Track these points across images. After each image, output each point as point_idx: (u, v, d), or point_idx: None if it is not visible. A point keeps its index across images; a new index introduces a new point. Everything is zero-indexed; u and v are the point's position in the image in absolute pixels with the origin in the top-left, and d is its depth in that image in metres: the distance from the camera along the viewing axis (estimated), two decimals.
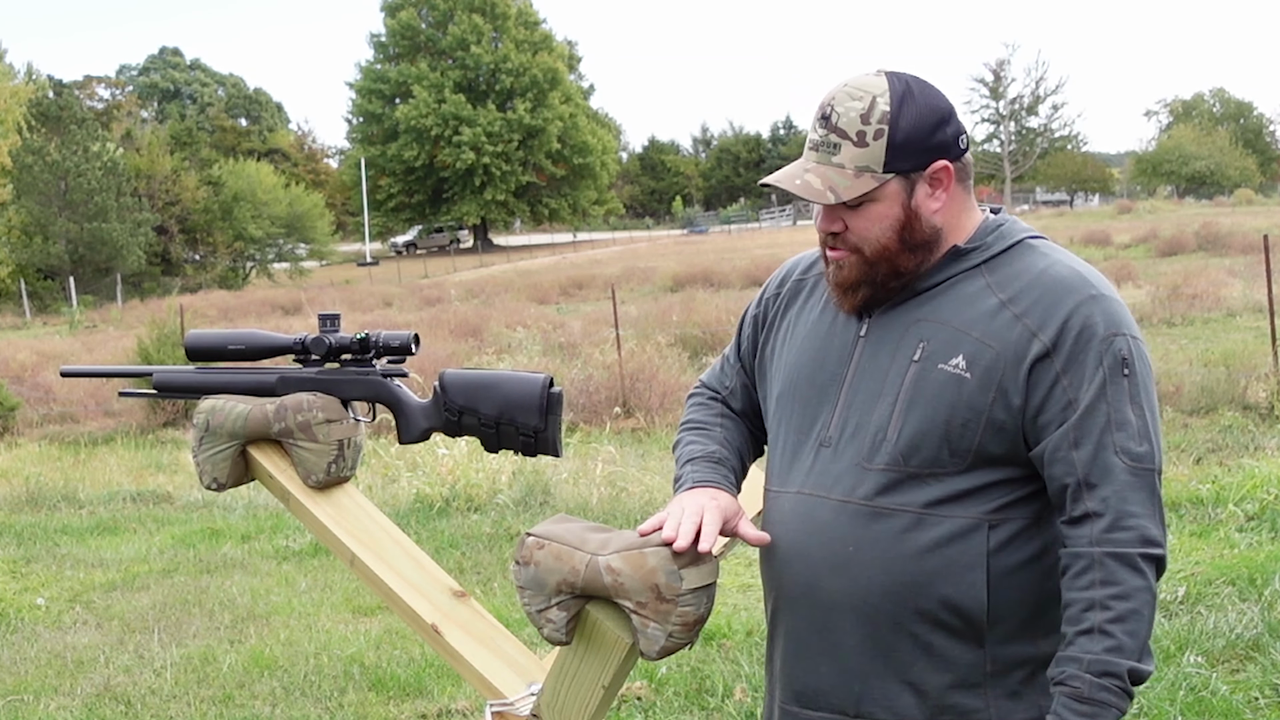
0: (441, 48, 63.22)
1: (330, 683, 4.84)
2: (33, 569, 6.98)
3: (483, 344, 15.06)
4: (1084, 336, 1.60)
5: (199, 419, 2.00)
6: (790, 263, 1.95)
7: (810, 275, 1.88)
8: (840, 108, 1.67)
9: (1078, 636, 1.56)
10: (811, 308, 1.83)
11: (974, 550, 1.63)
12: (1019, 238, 1.73)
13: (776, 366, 1.84)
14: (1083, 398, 1.59)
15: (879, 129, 1.65)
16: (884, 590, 1.65)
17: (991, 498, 1.64)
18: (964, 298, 1.68)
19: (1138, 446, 1.58)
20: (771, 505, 1.79)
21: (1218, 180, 68.04)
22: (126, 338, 18.59)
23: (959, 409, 1.63)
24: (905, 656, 1.66)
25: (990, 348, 1.63)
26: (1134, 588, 1.55)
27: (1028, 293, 1.65)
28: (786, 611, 1.76)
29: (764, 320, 1.92)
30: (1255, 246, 16.21)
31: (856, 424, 1.69)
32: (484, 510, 7.42)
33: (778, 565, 1.76)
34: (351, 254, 63.00)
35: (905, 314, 1.71)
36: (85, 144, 39.91)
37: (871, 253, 1.68)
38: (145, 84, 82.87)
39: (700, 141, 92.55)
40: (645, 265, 33.13)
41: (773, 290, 1.92)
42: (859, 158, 1.65)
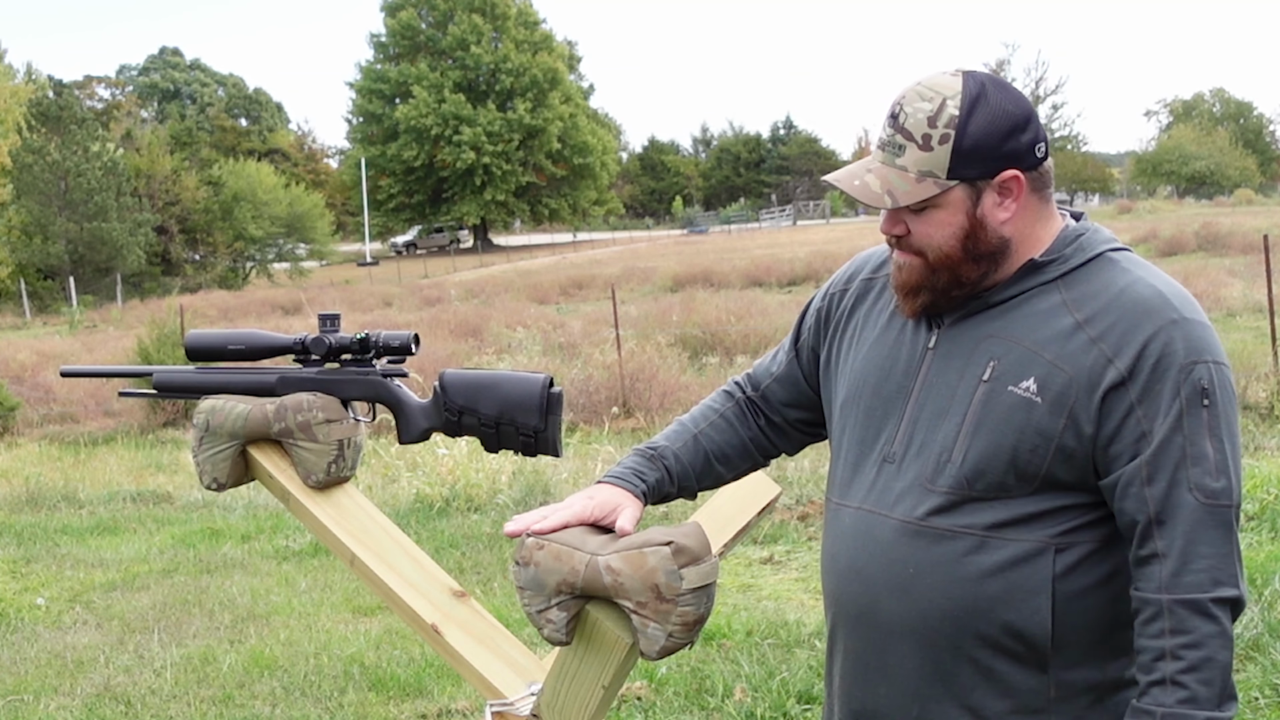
0: (441, 48, 63.24)
1: (330, 683, 4.84)
2: (33, 569, 6.98)
3: (483, 344, 15.06)
4: (1162, 365, 1.52)
5: (199, 419, 2.00)
6: (860, 258, 1.88)
7: (880, 275, 1.81)
8: (909, 108, 1.60)
9: (1150, 687, 1.51)
10: (880, 311, 1.77)
11: (1039, 575, 1.57)
12: (1099, 250, 1.64)
13: (842, 370, 1.79)
14: (1158, 430, 1.52)
15: (945, 133, 1.58)
16: (944, 614, 1.60)
17: (1059, 521, 1.58)
18: (1038, 315, 1.60)
19: (1214, 482, 1.51)
20: (833, 518, 1.75)
21: (1218, 180, 68.09)
22: (126, 338, 18.59)
23: (1028, 434, 1.56)
24: (965, 681, 1.61)
25: (1063, 372, 1.56)
26: (1206, 635, 1.49)
27: (1105, 314, 1.57)
28: (845, 630, 1.72)
29: (828, 315, 1.85)
30: (1255, 246, 16.21)
31: (921, 441, 1.64)
32: (484, 510, 7.43)
33: (838, 582, 1.72)
34: (351, 254, 63.02)
35: (976, 328, 1.64)
36: (85, 144, 39.93)
37: (934, 259, 1.62)
38: (145, 84, 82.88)
39: (700, 141, 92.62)
40: (645, 265, 33.14)
41: (840, 285, 1.86)
42: (922, 162, 1.59)
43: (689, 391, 10.62)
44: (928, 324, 1.69)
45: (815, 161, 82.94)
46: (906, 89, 1.63)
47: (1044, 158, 1.63)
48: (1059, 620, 1.57)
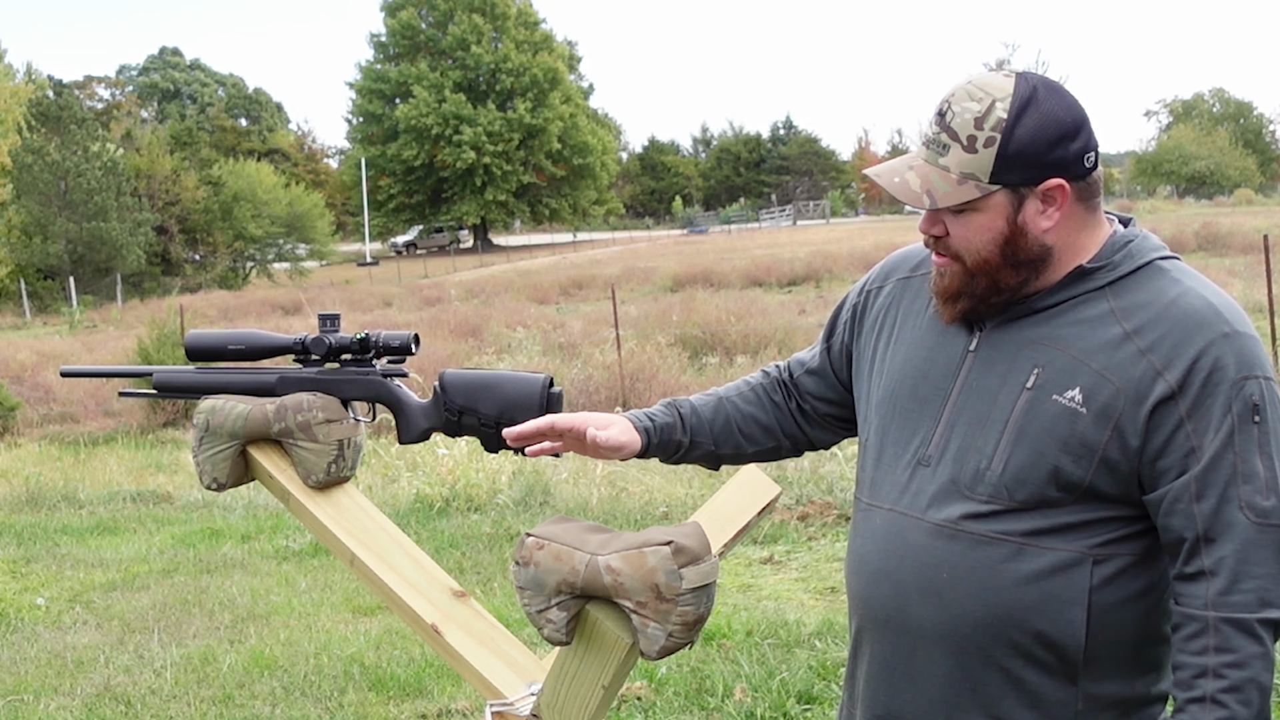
0: (441, 48, 63.26)
1: (330, 683, 4.84)
2: (33, 569, 6.98)
3: (483, 344, 15.07)
4: (1213, 379, 1.49)
5: (199, 419, 2.00)
6: (896, 256, 1.85)
7: (917, 274, 1.78)
8: (957, 106, 1.56)
9: (1189, 704, 1.48)
10: (919, 311, 1.73)
11: (1076, 585, 1.54)
12: (1149, 258, 1.59)
13: (878, 369, 1.76)
14: (1208, 446, 1.48)
15: (991, 136, 1.54)
16: (976, 621, 1.57)
17: (1098, 532, 1.55)
18: (1085, 323, 1.57)
19: (1264, 501, 1.48)
20: (863, 519, 1.72)
21: (1218, 180, 68.09)
22: (126, 338, 18.59)
23: (1071, 444, 1.53)
24: (994, 690, 1.58)
25: (1110, 382, 1.52)
26: (1250, 655, 1.46)
27: (1155, 325, 1.53)
28: (872, 633, 1.68)
29: (862, 312, 1.83)
30: (1255, 246, 16.21)
31: (959, 446, 1.60)
32: (484, 510, 7.43)
33: (866, 584, 1.68)
34: (351, 254, 63.03)
35: (1019, 333, 1.60)
36: (85, 144, 39.93)
37: (972, 263, 1.58)
38: (145, 84, 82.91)
39: (700, 141, 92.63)
40: (645, 265, 33.13)
41: (875, 283, 1.83)
42: (965, 163, 1.55)
43: (689, 391, 10.60)
44: (969, 326, 1.66)
45: (815, 161, 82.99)
46: (957, 86, 1.59)
47: (1093, 167, 1.58)
48: (1093, 632, 1.55)
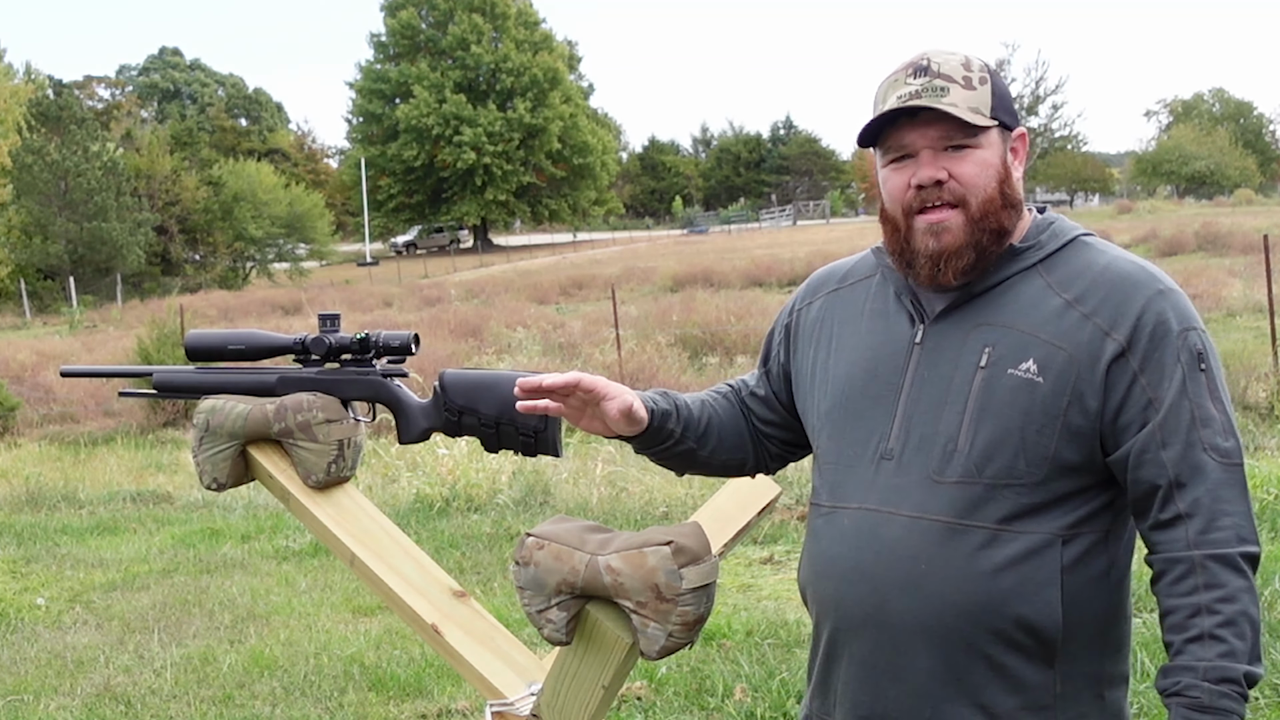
0: (442, 47, 63.24)
1: (330, 683, 4.84)
2: (33, 569, 6.98)
3: (483, 344, 15.06)
4: (1158, 333, 1.56)
5: (199, 419, 2.00)
6: (819, 276, 1.89)
7: (846, 285, 1.82)
8: (938, 59, 1.63)
9: (1187, 644, 1.50)
10: (855, 317, 1.76)
11: (1049, 567, 1.58)
12: (1072, 235, 1.68)
13: (821, 379, 1.77)
14: (1165, 396, 1.55)
15: (982, 76, 1.63)
16: (958, 610, 1.58)
17: (1065, 512, 1.59)
18: (1025, 299, 1.63)
19: (1225, 442, 1.55)
20: (826, 523, 1.71)
21: (1218, 180, 68.09)
22: (126, 338, 18.60)
23: (1034, 415, 1.57)
24: (978, 679, 1.59)
25: (1062, 350, 1.58)
26: (1238, 589, 1.50)
27: (1094, 291, 1.60)
28: (851, 634, 1.67)
29: (796, 331, 1.85)
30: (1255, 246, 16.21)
31: (921, 435, 1.62)
32: (484, 510, 7.43)
33: (840, 585, 1.67)
34: (351, 254, 63.02)
35: (964, 319, 1.65)
36: (85, 144, 39.92)
37: (978, 205, 1.61)
38: (145, 84, 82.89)
39: (700, 141, 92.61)
40: (645, 265, 33.14)
41: (804, 301, 1.86)
42: (969, 99, 1.61)
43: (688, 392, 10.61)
44: (910, 320, 1.69)
45: (815, 161, 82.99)
46: (919, 53, 1.66)
47: None
48: (1068, 613, 1.58)
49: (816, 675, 1.76)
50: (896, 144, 1.64)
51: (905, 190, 1.64)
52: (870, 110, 1.69)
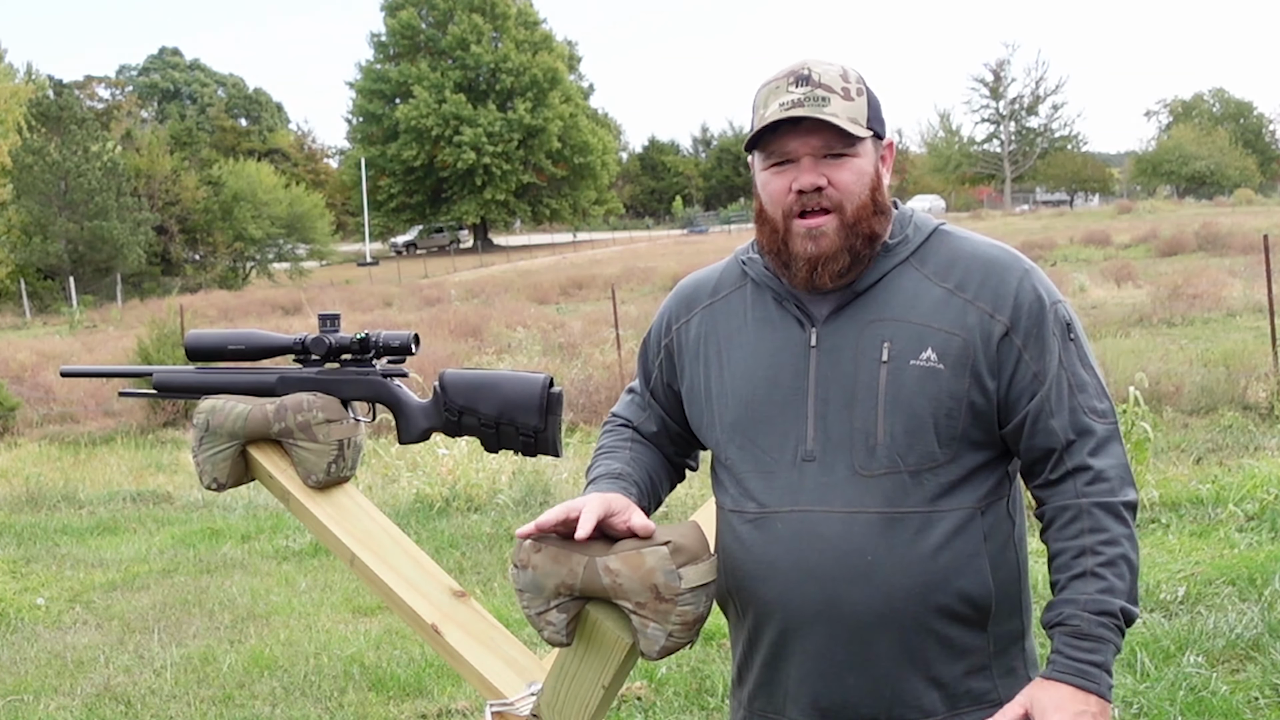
0: (441, 47, 63.25)
1: (330, 683, 4.84)
2: (33, 569, 6.98)
3: (483, 344, 15.06)
4: (1033, 309, 1.68)
5: (199, 419, 2.00)
6: (686, 288, 1.91)
7: (719, 298, 1.85)
8: (818, 70, 1.70)
9: (1071, 581, 1.63)
10: (739, 329, 1.80)
11: (974, 539, 1.68)
12: (934, 226, 1.78)
13: (718, 393, 1.79)
14: (1048, 368, 1.67)
15: (859, 88, 1.71)
16: (907, 593, 1.66)
17: (977, 485, 1.70)
18: (908, 292, 1.71)
19: (1100, 403, 1.69)
20: (753, 530, 1.73)
21: (1218, 180, 68.09)
22: (126, 338, 18.60)
23: (941, 400, 1.66)
24: (929, 654, 1.68)
25: (956, 336, 1.67)
26: (1120, 534, 1.64)
27: (970, 277, 1.71)
28: (802, 632, 1.71)
29: (679, 349, 1.87)
30: (1255, 246, 16.21)
31: (839, 433, 1.68)
32: (484, 510, 7.43)
33: (785, 587, 1.70)
34: (351, 254, 63.03)
35: (854, 317, 1.71)
36: (85, 144, 39.92)
37: (852, 211, 1.69)
38: (145, 84, 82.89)
39: (700, 141, 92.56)
40: (645, 265, 33.13)
41: (680, 318, 1.88)
42: (848, 109, 1.68)
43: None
44: (799, 324, 1.74)
45: None
46: (798, 62, 1.72)
47: None
48: (994, 577, 1.70)
49: (757, 676, 1.80)
50: (779, 150, 1.70)
51: (786, 194, 1.71)
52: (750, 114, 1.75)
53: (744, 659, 1.82)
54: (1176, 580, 5.16)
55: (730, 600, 1.81)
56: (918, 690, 1.69)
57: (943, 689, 1.70)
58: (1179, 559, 5.47)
